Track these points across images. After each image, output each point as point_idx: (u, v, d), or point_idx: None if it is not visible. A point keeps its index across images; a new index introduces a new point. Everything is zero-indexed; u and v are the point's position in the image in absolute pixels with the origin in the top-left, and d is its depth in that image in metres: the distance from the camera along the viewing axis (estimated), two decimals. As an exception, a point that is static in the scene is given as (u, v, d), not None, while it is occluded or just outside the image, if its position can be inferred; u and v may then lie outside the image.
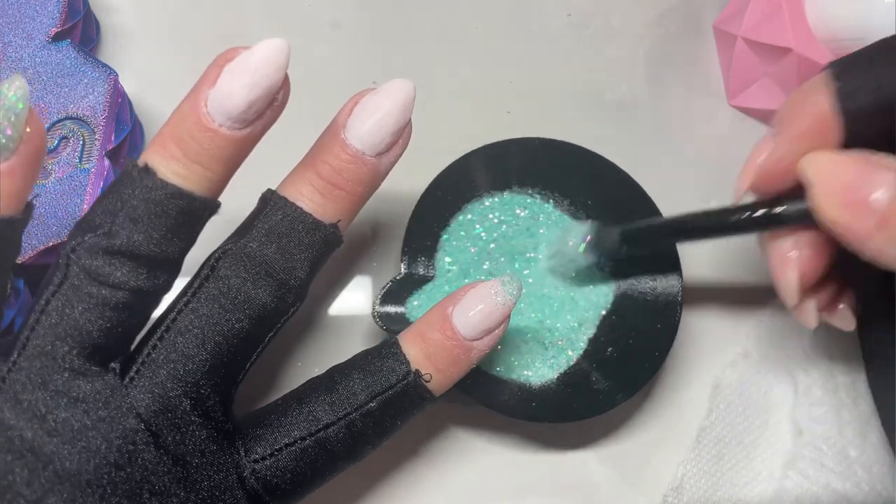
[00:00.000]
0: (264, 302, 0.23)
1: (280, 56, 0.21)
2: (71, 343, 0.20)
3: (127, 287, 0.21)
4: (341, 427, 0.23)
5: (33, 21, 0.30)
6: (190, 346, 0.22)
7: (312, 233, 0.23)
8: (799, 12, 0.33)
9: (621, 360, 0.29)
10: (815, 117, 0.22)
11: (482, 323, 0.24)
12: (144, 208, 0.21)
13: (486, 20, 0.37)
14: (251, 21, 0.36)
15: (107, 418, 0.21)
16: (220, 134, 0.21)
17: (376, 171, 0.24)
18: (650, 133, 0.36)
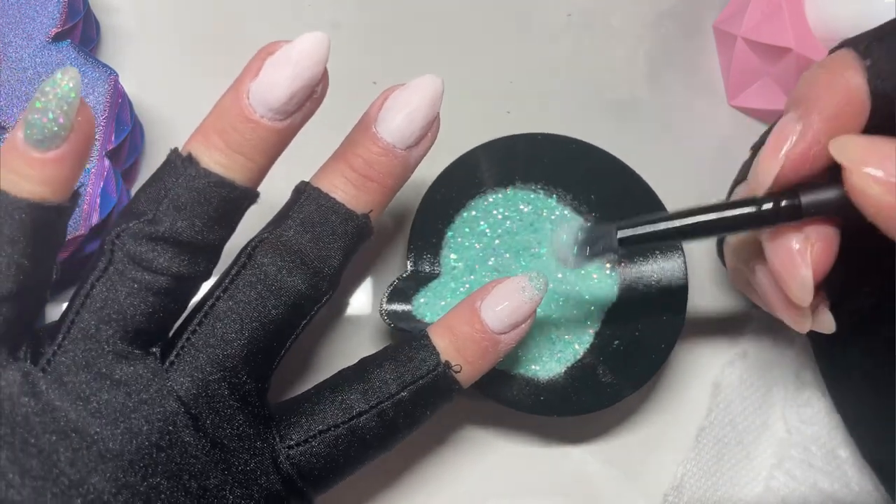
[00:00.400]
0: (299, 289, 0.23)
1: (321, 49, 0.21)
2: (115, 326, 0.21)
3: (169, 273, 0.21)
4: (373, 416, 0.24)
5: (33, 21, 0.30)
6: (228, 332, 0.22)
7: (346, 223, 0.24)
8: (799, 12, 0.33)
9: (628, 352, 0.29)
10: (846, 97, 0.21)
11: (510, 317, 0.25)
12: (188, 196, 0.21)
13: (486, 20, 0.37)
14: (251, 21, 0.36)
15: (148, 401, 0.21)
16: (262, 125, 0.22)
17: (406, 164, 0.25)
18: (650, 133, 0.36)
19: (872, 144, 0.20)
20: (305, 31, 0.36)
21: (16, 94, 0.29)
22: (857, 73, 0.21)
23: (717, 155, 0.36)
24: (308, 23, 0.36)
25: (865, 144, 0.20)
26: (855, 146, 0.20)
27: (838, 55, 0.22)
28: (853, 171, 0.20)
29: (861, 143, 0.20)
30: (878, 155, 0.20)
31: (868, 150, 0.20)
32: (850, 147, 0.20)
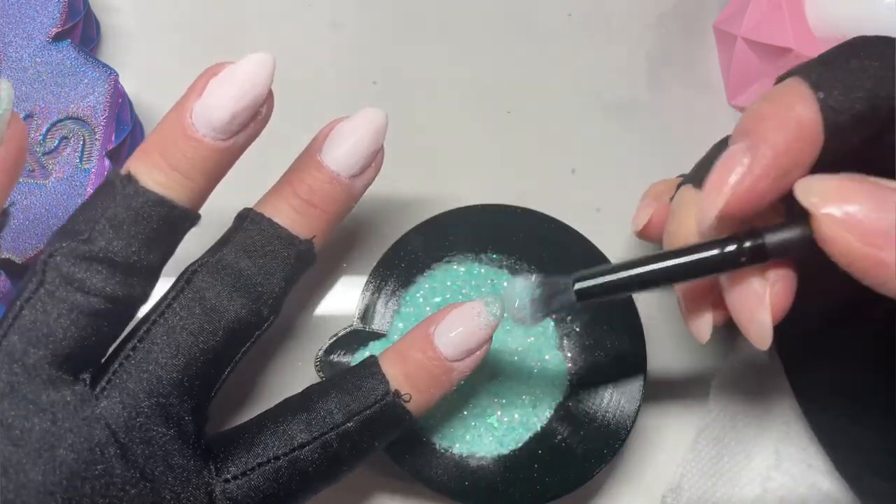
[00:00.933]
0: (239, 315, 0.23)
1: (264, 70, 0.21)
2: (43, 350, 0.20)
3: (103, 294, 0.21)
4: (316, 447, 0.23)
5: (33, 21, 0.30)
6: (163, 358, 0.22)
7: (288, 247, 0.24)
8: (799, 12, 0.33)
9: (569, 451, 0.28)
10: (797, 131, 0.20)
11: (464, 343, 0.24)
12: (125, 215, 0.21)
13: (486, 20, 0.37)
14: (251, 21, 0.36)
15: (74, 429, 0.20)
16: (204, 143, 0.21)
17: (350, 192, 0.25)
18: (650, 133, 0.36)
19: (841, 187, 0.18)
20: (306, 31, 0.36)
21: (16, 95, 0.29)
22: (809, 105, 0.20)
23: (717, 155, 0.36)
24: (308, 23, 0.36)
25: (835, 187, 0.19)
26: (822, 190, 0.19)
27: (788, 85, 0.20)
28: (822, 219, 0.18)
29: (829, 187, 0.19)
30: (847, 198, 0.18)
31: (837, 193, 0.18)
32: (817, 190, 0.19)
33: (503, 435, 0.28)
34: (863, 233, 0.18)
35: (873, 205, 0.18)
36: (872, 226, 0.18)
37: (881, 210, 0.18)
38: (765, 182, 0.20)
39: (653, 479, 0.31)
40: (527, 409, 0.29)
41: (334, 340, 0.28)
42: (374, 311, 0.29)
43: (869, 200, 0.18)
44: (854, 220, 0.18)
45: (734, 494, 0.30)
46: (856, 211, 0.18)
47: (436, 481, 0.27)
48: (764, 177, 0.20)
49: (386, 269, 0.29)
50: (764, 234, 0.20)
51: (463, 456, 0.28)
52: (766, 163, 0.19)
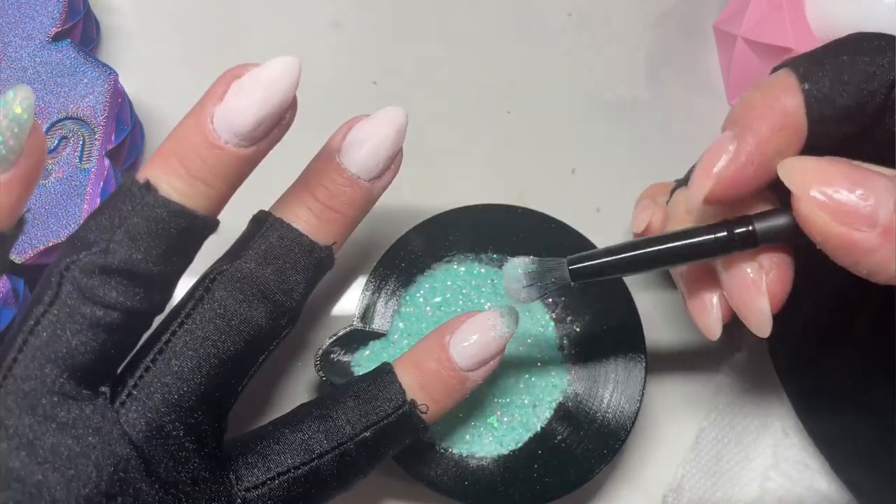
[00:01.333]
0: (260, 324, 0.22)
1: (292, 74, 0.20)
2: (61, 366, 0.20)
3: (122, 307, 0.20)
4: (335, 456, 0.23)
5: (33, 21, 0.30)
6: (185, 369, 0.21)
7: (309, 255, 0.23)
8: (799, 12, 0.33)
9: (568, 451, 0.28)
10: (782, 120, 0.20)
11: (479, 353, 0.24)
12: (145, 226, 0.20)
13: (486, 20, 0.37)
14: (251, 21, 0.36)
15: (97, 445, 0.20)
16: (226, 151, 0.20)
17: (370, 195, 0.25)
18: (650, 133, 0.36)
19: (820, 168, 0.19)
20: (306, 31, 0.36)
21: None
22: (794, 95, 0.20)
23: (717, 155, 0.36)
24: (308, 23, 0.36)
25: (813, 168, 0.19)
26: (802, 170, 0.19)
27: (776, 77, 0.21)
28: (800, 197, 0.19)
29: (808, 167, 0.19)
30: (825, 179, 0.19)
31: (815, 173, 0.19)
32: (797, 171, 0.20)
33: (503, 435, 0.28)
34: (837, 213, 0.19)
35: (849, 186, 0.19)
36: (847, 207, 0.19)
37: (857, 192, 0.19)
38: (749, 168, 0.20)
39: (653, 480, 0.31)
40: (527, 409, 0.29)
41: (334, 340, 0.28)
42: (374, 311, 0.29)
43: (846, 181, 0.19)
44: (830, 200, 0.19)
45: (734, 494, 0.30)
46: (832, 191, 0.19)
47: (435, 481, 0.27)
48: (748, 163, 0.20)
49: (386, 268, 0.29)
50: (753, 220, 0.21)
51: (463, 456, 0.28)
52: (750, 150, 0.20)
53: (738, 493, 0.30)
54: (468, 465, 0.28)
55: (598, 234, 0.30)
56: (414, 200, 0.33)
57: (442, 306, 0.30)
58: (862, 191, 0.19)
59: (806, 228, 0.20)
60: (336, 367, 0.28)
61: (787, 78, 0.21)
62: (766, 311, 0.21)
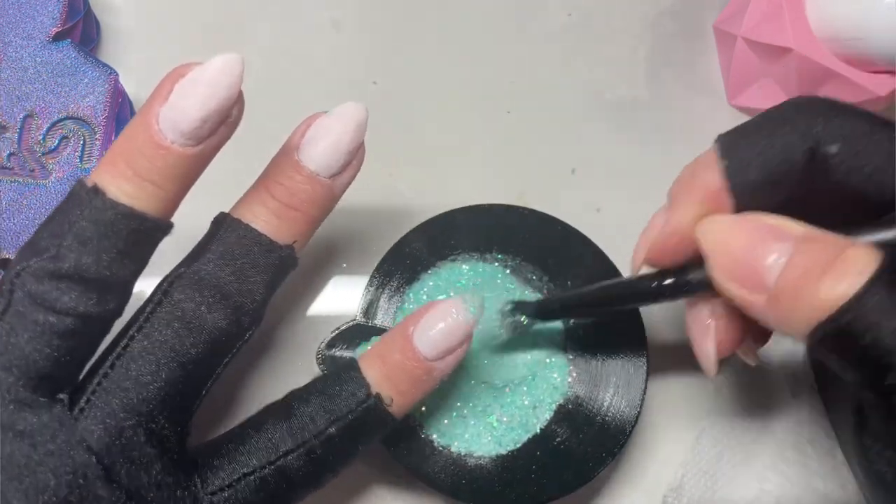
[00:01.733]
0: (220, 326, 0.22)
1: (234, 71, 0.20)
2: (16, 374, 0.20)
3: (75, 313, 0.20)
4: (301, 454, 0.23)
5: (33, 21, 0.30)
6: (144, 374, 0.21)
7: (268, 254, 0.23)
8: (799, 12, 0.33)
9: (567, 453, 0.28)
10: (704, 193, 0.22)
11: (443, 342, 0.24)
12: (94, 229, 0.20)
13: (486, 20, 0.37)
14: (251, 21, 0.36)
15: (55, 452, 0.20)
16: (173, 151, 0.20)
17: (330, 193, 0.24)
18: (650, 133, 0.36)
19: (724, 228, 0.21)
20: (306, 32, 0.36)
21: (16, 94, 0.29)
22: (713, 171, 0.22)
23: (717, 155, 0.36)
24: (308, 23, 0.36)
25: (719, 228, 0.21)
26: (710, 230, 0.21)
27: (704, 155, 0.23)
28: (706, 255, 0.21)
29: (715, 227, 0.21)
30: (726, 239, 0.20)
31: (720, 233, 0.21)
32: (707, 230, 0.21)
33: (502, 435, 0.28)
34: (733, 275, 0.20)
35: (747, 248, 0.20)
36: (744, 269, 0.20)
37: (755, 253, 0.19)
38: (674, 239, 0.22)
39: (653, 480, 0.31)
40: (527, 410, 0.29)
41: (336, 334, 0.28)
42: (377, 307, 0.29)
43: (744, 243, 0.20)
44: (730, 264, 0.20)
45: (734, 495, 0.30)
46: (729, 254, 0.20)
47: (433, 478, 0.27)
48: (673, 234, 0.22)
49: (391, 265, 0.29)
50: (688, 270, 0.23)
51: (461, 454, 0.28)
52: (678, 218, 0.22)
53: (738, 493, 0.30)
54: (466, 463, 0.28)
55: (598, 234, 0.30)
56: (413, 200, 0.33)
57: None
58: (758, 254, 0.19)
59: (715, 287, 0.21)
60: (338, 361, 0.28)
61: (710, 153, 0.22)
62: (711, 356, 0.23)
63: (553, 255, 0.30)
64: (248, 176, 0.25)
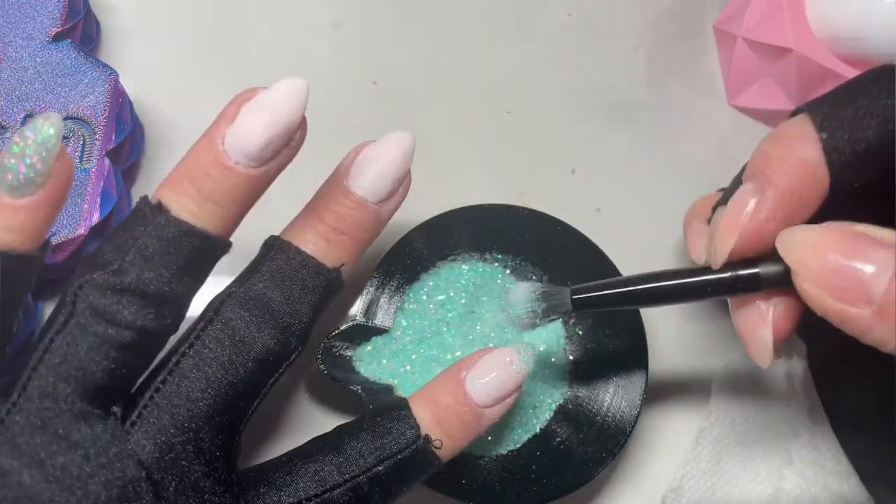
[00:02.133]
0: (268, 346, 0.22)
1: (299, 96, 0.21)
2: (74, 384, 0.20)
3: (134, 326, 0.20)
4: (347, 489, 0.23)
5: (33, 21, 0.30)
6: (194, 391, 0.21)
7: (316, 277, 0.23)
8: (799, 12, 0.33)
9: (567, 453, 0.28)
10: (801, 173, 0.20)
11: (496, 390, 0.24)
12: (156, 246, 0.21)
13: (486, 20, 0.37)
14: (251, 21, 0.36)
15: (107, 465, 0.20)
16: (236, 172, 0.21)
17: (378, 218, 0.25)
18: (650, 133, 0.36)
19: (814, 241, 0.19)
20: (306, 31, 0.36)
21: (16, 94, 0.29)
22: (812, 146, 0.20)
23: (717, 155, 0.36)
24: (308, 23, 0.36)
25: (809, 241, 0.19)
26: (798, 244, 0.19)
27: (793, 126, 0.21)
28: (796, 272, 0.19)
29: (804, 241, 0.19)
30: (819, 254, 0.19)
31: (810, 248, 0.19)
32: (793, 245, 0.19)
33: (502, 435, 0.28)
34: (832, 289, 0.18)
35: (844, 261, 0.18)
36: (841, 283, 0.18)
37: (852, 267, 0.18)
38: (772, 224, 0.20)
39: (653, 480, 0.31)
40: (526, 410, 0.29)
41: (336, 334, 0.28)
42: (377, 307, 0.29)
43: (841, 256, 0.18)
44: (824, 276, 0.18)
45: (734, 495, 0.30)
46: (826, 267, 0.18)
47: (432, 478, 0.27)
48: (770, 219, 0.20)
49: (391, 265, 0.29)
50: (759, 264, 0.21)
51: (461, 454, 0.28)
52: (770, 205, 0.20)
53: (737, 493, 0.30)
54: (466, 463, 0.28)
55: (598, 234, 0.30)
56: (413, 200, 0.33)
57: (445, 304, 0.30)
58: (857, 265, 0.18)
59: (805, 301, 0.19)
60: (337, 361, 0.28)
61: (803, 127, 0.20)
62: (768, 342, 0.21)
63: (553, 255, 0.30)
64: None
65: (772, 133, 0.21)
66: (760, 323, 0.21)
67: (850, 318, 0.18)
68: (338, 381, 0.27)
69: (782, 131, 0.21)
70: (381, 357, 0.28)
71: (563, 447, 0.28)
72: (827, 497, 0.30)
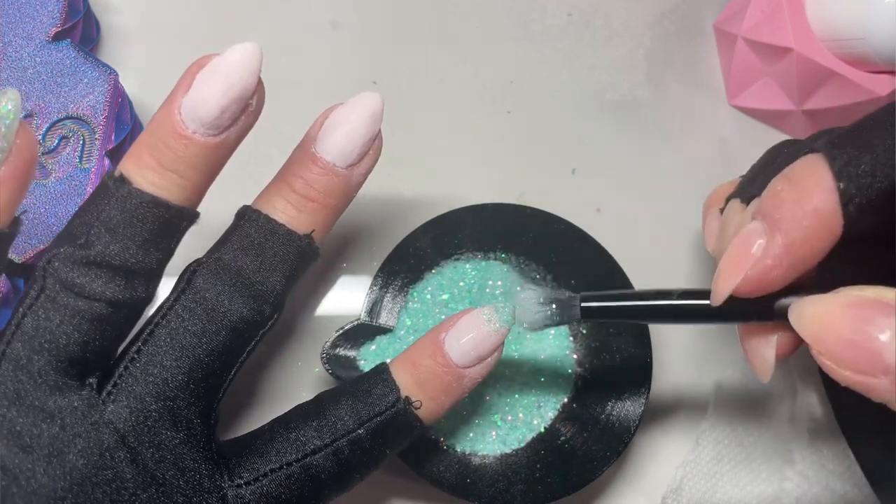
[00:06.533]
0: (241, 314, 0.22)
1: (252, 60, 0.21)
2: (47, 356, 0.20)
3: (104, 298, 0.20)
4: (328, 454, 0.23)
5: (33, 21, 0.30)
6: (168, 360, 0.21)
7: (287, 244, 0.23)
8: (799, 12, 0.33)
9: (571, 452, 0.28)
10: (814, 223, 0.19)
11: (475, 349, 0.24)
12: (120, 218, 0.21)
13: (487, 20, 0.37)
14: (251, 21, 0.36)
15: (83, 434, 0.20)
16: (195, 141, 0.21)
17: (348, 183, 0.24)
18: (650, 133, 0.36)
19: (826, 315, 0.18)
20: (306, 31, 0.36)
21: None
22: (829, 196, 0.19)
23: (717, 155, 0.36)
24: (308, 23, 0.36)
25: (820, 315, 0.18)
26: (810, 319, 0.19)
27: (809, 169, 0.19)
28: (812, 346, 0.19)
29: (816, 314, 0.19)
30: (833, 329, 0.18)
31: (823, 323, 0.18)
32: (805, 320, 0.19)
33: (506, 434, 0.28)
34: (849, 361, 0.18)
35: (857, 331, 0.18)
36: (857, 354, 0.18)
37: (865, 335, 0.17)
38: (778, 270, 0.20)
39: (653, 481, 0.31)
40: (531, 409, 0.29)
41: (340, 333, 0.28)
42: (381, 306, 0.29)
43: (853, 327, 0.18)
44: (840, 351, 0.18)
45: (734, 495, 0.30)
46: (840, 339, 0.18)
47: (437, 478, 0.27)
48: (777, 266, 0.20)
49: (395, 264, 0.29)
50: (775, 298, 0.20)
51: (465, 453, 0.28)
52: (779, 252, 0.19)
53: (737, 493, 0.30)
54: (471, 462, 0.28)
55: (598, 234, 0.30)
56: (414, 200, 0.33)
57: (449, 303, 0.30)
58: (870, 335, 0.17)
59: (826, 371, 0.19)
60: (342, 361, 0.28)
61: (819, 172, 0.19)
62: (771, 361, 0.21)
63: (556, 254, 0.30)
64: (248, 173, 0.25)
65: (786, 173, 0.20)
66: (765, 343, 0.22)
67: (871, 389, 0.18)
68: (342, 380, 0.27)
69: (797, 174, 0.20)
70: (385, 356, 0.28)
71: (567, 446, 0.28)
72: (829, 497, 0.30)
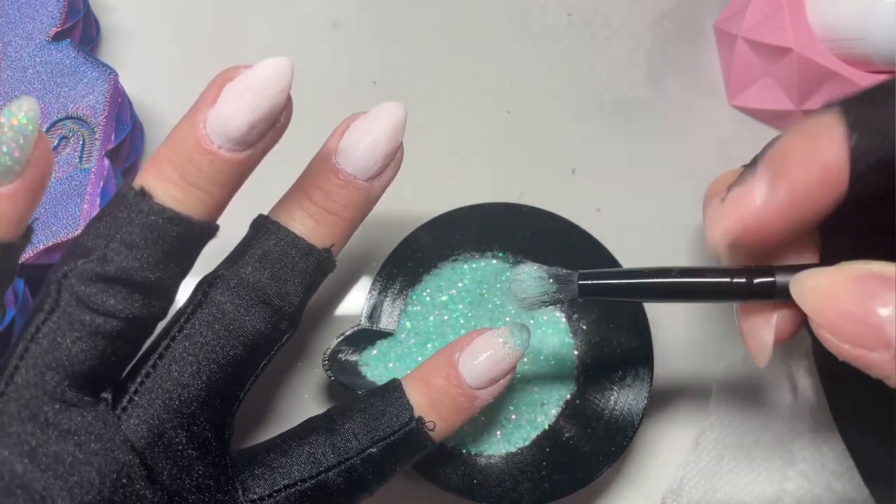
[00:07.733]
0: (259, 329, 0.22)
1: (283, 76, 0.20)
2: (62, 373, 0.20)
3: (121, 315, 0.20)
4: (342, 471, 0.23)
5: (33, 21, 0.30)
6: (185, 375, 0.21)
7: (306, 258, 0.23)
8: (799, 12, 0.33)
9: (576, 449, 0.28)
10: (822, 172, 0.18)
11: (489, 371, 0.24)
12: (140, 233, 0.20)
13: (486, 20, 0.37)
14: (251, 21, 0.36)
15: (100, 451, 0.20)
16: (220, 156, 0.20)
17: (368, 196, 0.24)
18: (650, 133, 0.36)
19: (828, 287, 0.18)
20: (306, 31, 0.36)
21: (16, 94, 0.29)
22: (839, 149, 0.18)
23: (717, 155, 0.36)
24: (308, 23, 0.36)
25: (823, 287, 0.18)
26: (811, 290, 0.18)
27: (822, 121, 0.19)
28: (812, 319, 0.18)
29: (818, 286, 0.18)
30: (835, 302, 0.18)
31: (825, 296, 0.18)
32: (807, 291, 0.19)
33: (511, 433, 0.28)
34: (850, 335, 0.18)
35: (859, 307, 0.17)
36: (859, 328, 0.17)
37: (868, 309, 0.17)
38: (777, 223, 0.19)
39: (653, 482, 0.31)
40: (535, 407, 0.29)
41: (342, 339, 0.28)
42: (381, 310, 0.29)
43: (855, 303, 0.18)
44: (841, 325, 0.18)
45: (734, 495, 0.30)
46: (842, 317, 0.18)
47: (444, 479, 0.27)
48: (777, 218, 0.19)
49: (393, 267, 0.29)
50: (776, 273, 0.20)
51: (471, 454, 0.28)
52: (781, 200, 0.19)
53: (737, 494, 0.30)
54: (477, 463, 0.28)
55: (598, 234, 0.30)
56: (414, 201, 0.33)
57: (449, 305, 0.30)
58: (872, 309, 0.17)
59: (825, 346, 0.19)
60: (344, 366, 0.28)
61: (834, 125, 0.19)
62: (768, 344, 0.21)
63: (555, 251, 0.30)
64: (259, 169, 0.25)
65: (800, 126, 0.19)
66: (764, 325, 0.21)
67: (871, 364, 0.18)
68: (345, 386, 0.27)
69: (810, 126, 0.19)
70: (386, 360, 0.29)
71: (571, 443, 0.28)
72: (830, 497, 0.30)
